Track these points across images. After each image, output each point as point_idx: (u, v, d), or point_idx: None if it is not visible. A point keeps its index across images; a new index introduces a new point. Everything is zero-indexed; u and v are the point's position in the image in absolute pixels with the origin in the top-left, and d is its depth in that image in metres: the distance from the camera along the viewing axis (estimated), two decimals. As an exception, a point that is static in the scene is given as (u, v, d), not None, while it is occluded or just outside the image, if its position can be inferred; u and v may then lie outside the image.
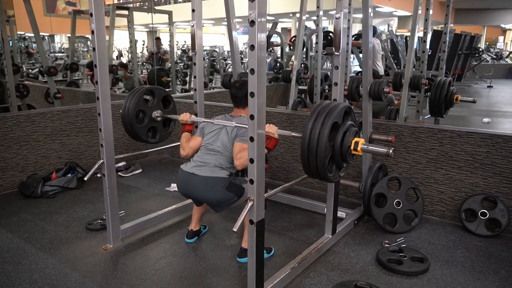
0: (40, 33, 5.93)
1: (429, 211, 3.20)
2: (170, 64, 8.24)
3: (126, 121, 2.73)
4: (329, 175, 1.99)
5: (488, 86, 12.53)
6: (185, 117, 2.69)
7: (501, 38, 27.01)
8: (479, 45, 13.66)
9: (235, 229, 1.82)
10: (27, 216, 3.16)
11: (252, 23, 1.66)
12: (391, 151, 1.98)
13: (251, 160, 1.81)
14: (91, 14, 2.28)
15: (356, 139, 2.00)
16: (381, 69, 6.15)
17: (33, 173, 3.77)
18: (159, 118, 2.86)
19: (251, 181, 1.83)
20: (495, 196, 2.91)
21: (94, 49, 2.35)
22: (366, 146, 2.00)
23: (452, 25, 14.88)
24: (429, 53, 4.28)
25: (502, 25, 24.70)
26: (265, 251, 2.36)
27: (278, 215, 3.23)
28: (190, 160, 2.57)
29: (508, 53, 20.06)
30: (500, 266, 2.49)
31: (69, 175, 3.82)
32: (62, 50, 15.14)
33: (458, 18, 19.74)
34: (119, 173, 4.13)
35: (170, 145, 3.53)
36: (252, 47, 1.68)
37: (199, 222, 2.82)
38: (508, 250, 2.69)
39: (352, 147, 1.99)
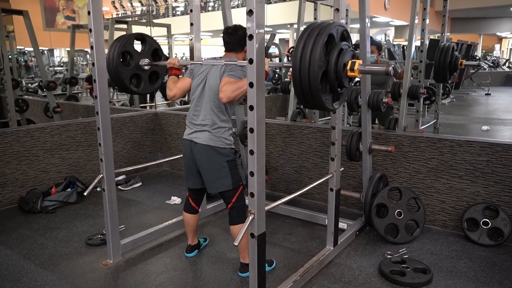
0: (40, 48, 5.95)
1: (431, 220, 3.19)
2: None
3: (110, 60, 2.58)
4: (322, 95, 1.81)
5: (486, 94, 12.58)
6: (173, 60, 2.61)
7: (497, 46, 27.20)
8: (476, 54, 13.75)
9: (236, 243, 1.80)
10: (27, 232, 3.13)
11: (250, 37, 1.67)
12: (390, 68, 1.83)
13: (251, 173, 1.80)
14: (90, 30, 2.30)
15: (353, 60, 1.87)
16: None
17: (32, 188, 3.76)
18: (146, 67, 2.75)
19: (252, 194, 1.82)
20: (496, 205, 2.90)
21: (93, 63, 2.36)
22: (363, 67, 1.86)
23: (448, 34, 15.01)
24: (427, 62, 4.29)
25: (498, 33, 24.88)
26: (266, 264, 2.34)
27: (279, 227, 3.21)
28: (186, 124, 2.48)
29: (504, 60, 20.19)
30: (504, 276, 2.46)
31: (69, 189, 3.80)
32: (62, 64, 15.20)
33: (454, 27, 19.92)
34: (119, 187, 4.11)
35: (170, 158, 3.53)
36: (251, 61, 1.69)
37: (195, 236, 2.78)
38: (512, 259, 2.67)
39: (348, 67, 1.84)
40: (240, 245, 2.38)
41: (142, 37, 2.78)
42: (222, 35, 2.47)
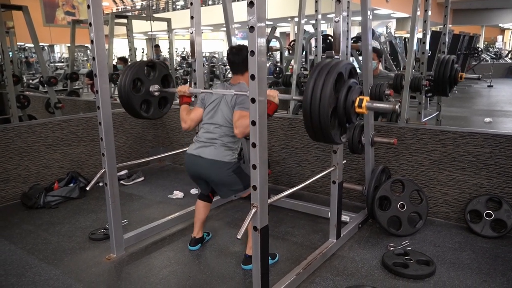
0: (40, 44, 5.94)
1: (434, 213, 3.18)
2: (170, 71, 8.27)
3: (122, 87, 2.65)
4: (331, 131, 1.90)
5: (488, 86, 12.53)
6: (183, 88, 2.65)
7: (499, 37, 27.04)
8: (478, 45, 13.68)
9: (239, 236, 1.80)
10: (30, 227, 3.14)
11: (251, 28, 1.65)
12: (397, 106, 1.93)
13: (254, 166, 1.79)
14: (90, 24, 2.29)
15: (360, 96, 1.94)
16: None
17: (35, 183, 3.76)
18: (156, 93, 2.80)
19: (254, 187, 1.82)
20: (499, 196, 2.89)
21: (93, 58, 2.35)
22: (370, 104, 1.93)
23: (450, 25, 14.91)
24: (429, 54, 4.26)
25: (500, 25, 24.74)
26: (269, 257, 2.34)
27: (282, 220, 3.21)
28: (193, 141, 2.54)
29: (507, 52, 20.08)
30: (507, 268, 2.46)
31: (71, 184, 3.81)
32: (62, 60, 15.20)
33: (456, 18, 19.80)
34: (121, 182, 4.12)
35: (172, 153, 3.53)
36: (252, 53, 1.67)
37: (202, 229, 2.80)
38: (515, 250, 2.67)
39: (356, 104, 1.92)
40: (250, 235, 2.41)
41: (152, 64, 2.83)
42: (227, 56, 2.54)
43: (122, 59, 7.20)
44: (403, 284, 2.32)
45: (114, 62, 7.81)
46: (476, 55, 12.52)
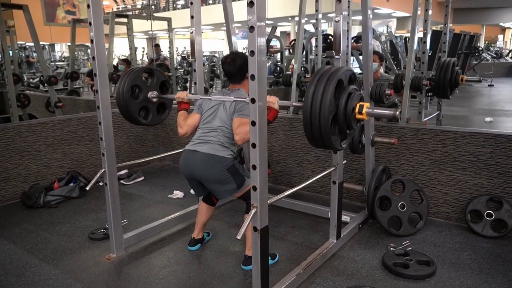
0: (40, 42, 5.94)
1: (434, 213, 3.18)
2: (170, 70, 8.26)
3: (120, 93, 2.65)
4: (332, 137, 1.90)
5: (489, 85, 12.50)
6: (182, 94, 2.64)
7: (500, 36, 27.01)
8: (478, 44, 13.65)
9: (239, 237, 1.80)
10: (30, 227, 3.14)
11: (251, 28, 1.65)
12: (398, 112, 1.93)
13: (253, 167, 1.78)
14: (90, 23, 2.28)
15: (360, 103, 1.94)
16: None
17: (35, 183, 3.76)
18: (154, 99, 2.79)
19: (254, 188, 1.81)
20: (500, 196, 2.88)
21: (93, 57, 2.35)
22: (371, 110, 1.94)
23: (451, 25, 14.89)
24: (430, 54, 4.26)
25: (501, 24, 24.71)
26: (269, 258, 2.34)
27: (282, 220, 3.21)
28: (191, 140, 2.53)
29: (508, 51, 20.05)
30: (508, 268, 2.46)
31: (71, 184, 3.81)
32: (63, 59, 15.19)
33: (457, 17, 19.78)
34: (121, 181, 4.11)
35: (172, 152, 3.52)
36: (252, 53, 1.67)
37: (202, 230, 2.79)
38: (515, 251, 2.66)
39: (356, 110, 1.93)
40: (248, 236, 2.41)
41: (150, 70, 2.83)
42: (222, 66, 2.53)
43: (125, 61, 7.19)
44: (403, 284, 2.31)
45: (114, 63, 7.80)
46: (476, 54, 12.49)
